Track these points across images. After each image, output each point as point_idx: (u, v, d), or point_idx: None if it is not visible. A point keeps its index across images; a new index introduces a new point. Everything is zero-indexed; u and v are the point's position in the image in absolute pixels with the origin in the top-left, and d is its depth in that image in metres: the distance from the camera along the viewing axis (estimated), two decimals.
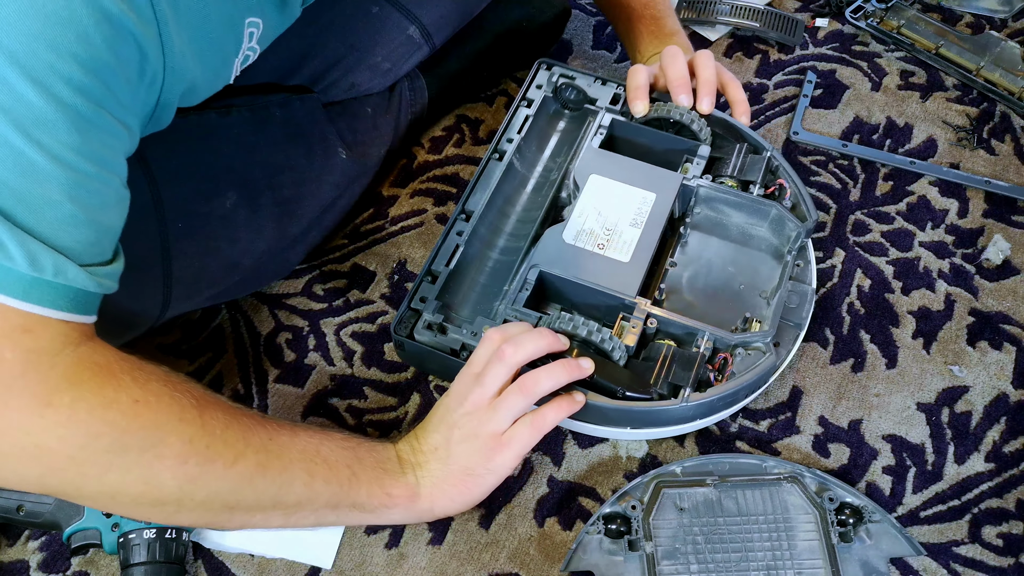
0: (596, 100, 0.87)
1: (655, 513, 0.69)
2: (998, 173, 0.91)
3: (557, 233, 0.76)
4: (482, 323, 0.71)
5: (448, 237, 0.78)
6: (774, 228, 0.78)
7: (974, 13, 1.06)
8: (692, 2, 1.07)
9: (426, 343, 0.72)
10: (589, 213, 0.77)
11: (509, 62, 1.01)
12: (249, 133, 0.76)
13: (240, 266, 0.76)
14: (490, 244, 0.80)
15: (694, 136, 0.81)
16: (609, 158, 0.81)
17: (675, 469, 0.71)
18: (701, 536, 0.68)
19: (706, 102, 0.81)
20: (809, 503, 0.69)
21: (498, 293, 0.77)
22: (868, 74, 1.01)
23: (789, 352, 0.73)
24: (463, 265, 0.77)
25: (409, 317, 0.74)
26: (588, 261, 0.74)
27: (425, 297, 0.74)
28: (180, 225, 0.71)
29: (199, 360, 0.82)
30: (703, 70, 0.81)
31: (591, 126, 0.85)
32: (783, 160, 0.80)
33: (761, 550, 0.67)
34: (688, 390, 0.68)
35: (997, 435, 0.74)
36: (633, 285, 0.73)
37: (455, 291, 0.77)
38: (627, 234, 0.76)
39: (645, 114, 0.82)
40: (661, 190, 0.78)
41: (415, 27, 0.87)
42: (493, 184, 0.80)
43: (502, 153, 0.83)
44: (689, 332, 0.71)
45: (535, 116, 0.86)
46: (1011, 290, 0.83)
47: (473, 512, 0.72)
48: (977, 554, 0.69)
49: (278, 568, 0.70)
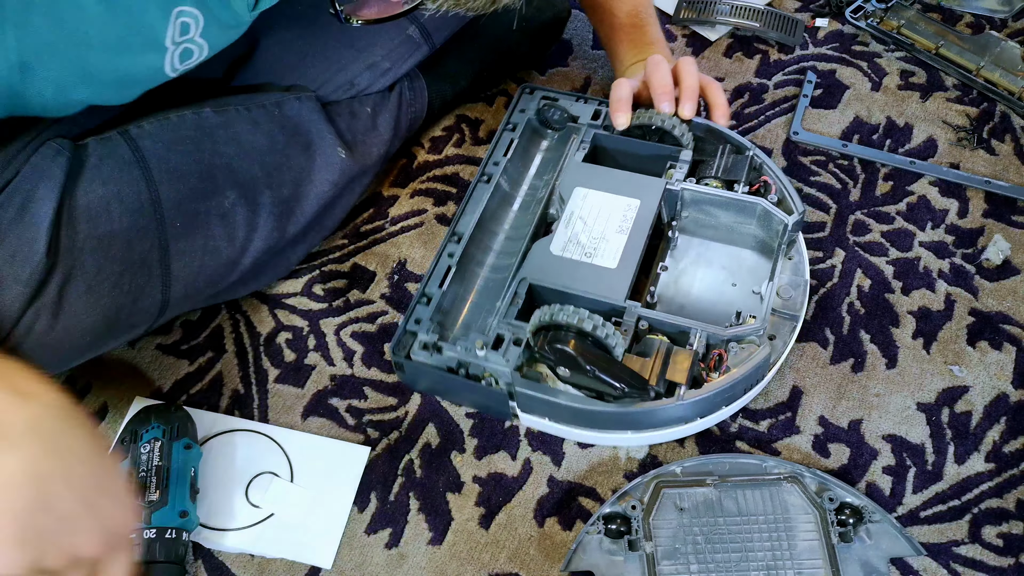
0: (578, 118, 0.88)
1: (655, 513, 0.69)
2: (998, 173, 0.91)
3: (545, 246, 0.77)
4: (475, 339, 0.71)
5: (440, 259, 0.78)
6: (762, 224, 0.78)
7: (974, 13, 1.06)
8: (692, 2, 1.07)
9: (423, 363, 0.72)
10: (575, 224, 0.78)
11: (509, 62, 1.01)
12: (248, 132, 0.76)
13: (239, 265, 0.76)
14: (481, 263, 0.81)
15: (676, 141, 0.82)
16: (593, 170, 0.82)
17: (675, 469, 0.71)
18: (701, 536, 0.67)
19: (687, 108, 0.82)
20: (809, 503, 0.69)
21: (491, 310, 0.77)
22: (868, 74, 1.01)
23: (786, 344, 0.73)
24: (456, 285, 0.78)
25: (406, 339, 0.74)
26: (576, 270, 0.75)
27: (420, 319, 0.74)
28: (179, 224, 0.71)
29: (199, 360, 0.82)
30: (686, 77, 0.83)
31: (574, 142, 0.86)
32: (766, 157, 0.81)
33: (761, 550, 0.67)
34: (683, 388, 0.68)
35: (997, 435, 0.74)
36: (621, 289, 0.73)
37: (450, 311, 0.77)
38: (614, 241, 0.76)
39: (627, 126, 0.83)
40: (645, 196, 0.79)
41: (414, 26, 0.87)
42: (482, 205, 0.81)
43: (490, 176, 0.84)
44: (681, 331, 0.72)
45: (520, 139, 0.87)
46: (1011, 290, 0.83)
47: (473, 512, 0.72)
48: (977, 554, 0.69)
49: (278, 568, 0.70)
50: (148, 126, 0.71)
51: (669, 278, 0.79)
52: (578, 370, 0.67)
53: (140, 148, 0.70)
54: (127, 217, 0.68)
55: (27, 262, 0.62)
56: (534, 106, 0.89)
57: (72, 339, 0.67)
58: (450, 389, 0.76)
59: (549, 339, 0.67)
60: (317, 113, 0.81)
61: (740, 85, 1.01)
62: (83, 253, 0.65)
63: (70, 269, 0.65)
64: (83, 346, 0.68)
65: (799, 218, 0.76)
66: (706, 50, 1.05)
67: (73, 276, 0.65)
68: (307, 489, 0.74)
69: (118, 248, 0.67)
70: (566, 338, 0.67)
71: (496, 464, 0.75)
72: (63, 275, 0.64)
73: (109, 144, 0.69)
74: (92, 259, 0.66)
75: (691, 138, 0.82)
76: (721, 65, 1.03)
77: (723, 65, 1.03)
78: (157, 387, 0.80)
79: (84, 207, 0.66)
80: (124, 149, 0.69)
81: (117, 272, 0.67)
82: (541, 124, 0.90)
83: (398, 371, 0.76)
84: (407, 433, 0.77)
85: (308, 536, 0.71)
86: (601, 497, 0.72)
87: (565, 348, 0.66)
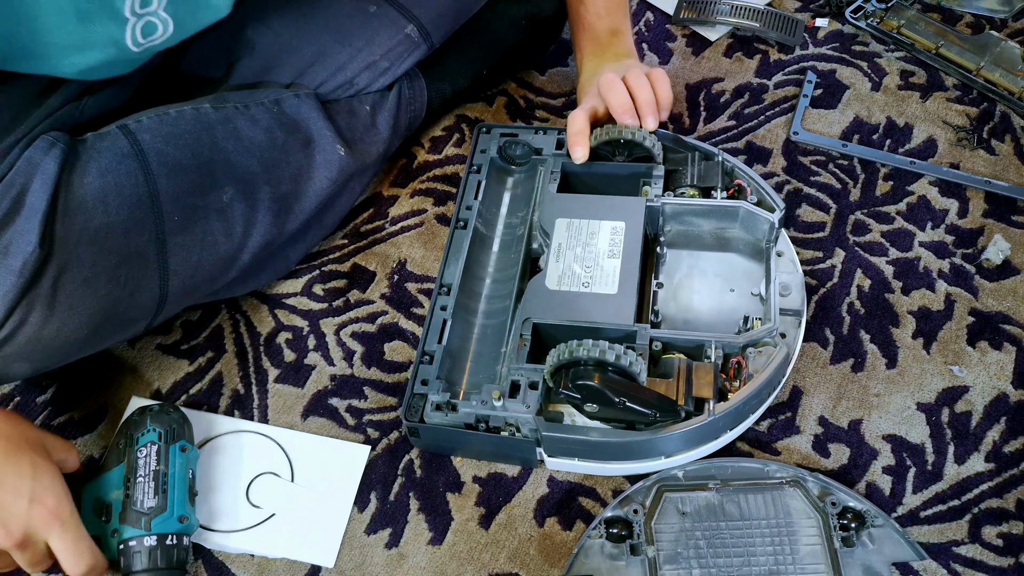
0: (542, 149, 0.87)
1: (657, 517, 0.68)
2: (998, 173, 0.91)
3: (540, 282, 0.76)
4: (489, 389, 0.69)
5: (433, 315, 0.76)
6: (746, 226, 0.78)
7: (974, 13, 1.06)
8: (692, 2, 1.07)
9: (440, 424, 0.71)
10: (565, 256, 0.77)
11: (509, 62, 1.01)
12: (247, 128, 0.76)
13: (237, 261, 0.76)
14: (474, 311, 0.80)
15: (647, 152, 0.82)
16: (569, 199, 0.82)
17: (677, 473, 0.71)
18: (703, 540, 0.67)
19: (650, 120, 0.82)
20: (811, 507, 0.68)
21: (496, 356, 0.76)
22: (868, 74, 1.01)
23: (797, 340, 0.74)
24: (455, 338, 0.76)
25: (416, 403, 0.72)
26: (577, 301, 0.74)
27: (426, 379, 0.72)
28: (176, 219, 0.71)
29: (199, 360, 0.82)
30: (639, 91, 0.82)
31: (543, 175, 0.85)
32: (735, 160, 0.81)
33: (763, 555, 0.66)
34: (712, 402, 0.67)
35: (997, 435, 0.74)
36: (628, 314, 0.72)
37: (454, 366, 0.76)
38: (608, 266, 0.76)
39: (586, 159, 0.82)
40: (628, 217, 0.79)
41: (413, 25, 0.87)
42: (464, 253, 0.80)
43: (465, 221, 0.83)
44: (696, 345, 0.71)
45: (487, 179, 0.86)
46: (1011, 290, 0.83)
47: (473, 512, 0.72)
48: (977, 554, 0.69)
49: (278, 568, 0.70)
50: (147, 120, 0.72)
51: (667, 294, 0.78)
52: (607, 403, 0.66)
53: (139, 141, 0.71)
54: (124, 209, 0.68)
55: (20, 252, 0.63)
56: (495, 144, 0.88)
57: (68, 332, 0.67)
58: (471, 446, 0.73)
59: (571, 377, 0.66)
60: (316, 111, 0.81)
61: (740, 85, 1.01)
62: (79, 245, 0.66)
63: (65, 261, 0.65)
64: (80, 340, 0.68)
65: (782, 214, 0.76)
66: (706, 50, 1.05)
67: (68, 268, 0.65)
68: (307, 489, 0.74)
69: (115, 240, 0.67)
70: (589, 373, 0.65)
71: (496, 464, 0.75)
72: (58, 267, 0.65)
73: (108, 138, 0.70)
74: (88, 251, 0.66)
75: (661, 147, 0.82)
76: (721, 65, 1.03)
77: (723, 65, 1.03)
78: (157, 387, 0.80)
79: (80, 199, 0.66)
80: (123, 142, 0.70)
81: (113, 264, 0.67)
82: (505, 161, 0.89)
83: (412, 438, 0.74)
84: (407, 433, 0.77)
85: (309, 536, 0.71)
86: (601, 497, 0.72)
87: (591, 383, 0.65)
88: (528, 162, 0.88)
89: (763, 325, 0.72)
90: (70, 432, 0.78)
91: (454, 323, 0.76)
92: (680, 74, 1.03)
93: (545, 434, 0.68)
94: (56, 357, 0.69)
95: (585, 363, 0.66)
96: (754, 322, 0.73)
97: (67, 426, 0.78)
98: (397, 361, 0.81)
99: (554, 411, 0.71)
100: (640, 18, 1.09)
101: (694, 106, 0.99)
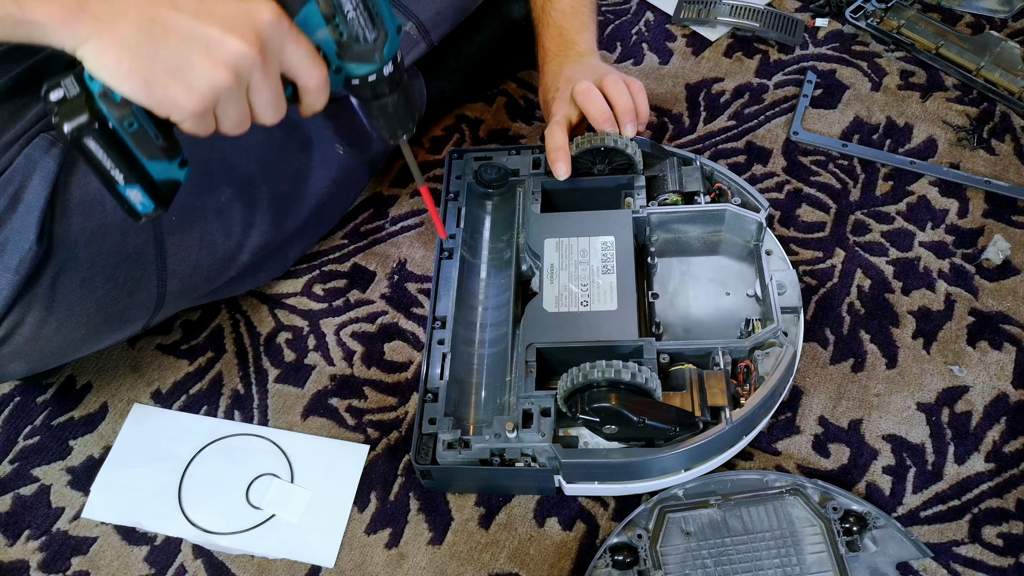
0: (518, 170, 0.86)
1: (662, 540, 0.67)
2: (998, 173, 0.91)
3: (538, 306, 0.74)
4: (502, 422, 0.67)
5: (432, 350, 0.74)
6: (733, 228, 0.78)
7: (974, 13, 1.06)
8: (692, 2, 1.07)
9: (453, 463, 0.68)
10: (559, 276, 0.76)
11: (509, 61, 1.01)
12: None
13: (236, 261, 0.76)
14: (471, 341, 0.77)
15: (629, 159, 0.81)
16: (555, 218, 0.80)
17: (677, 491, 0.70)
18: (710, 559, 0.66)
19: (629, 127, 0.80)
20: (813, 515, 0.68)
21: (502, 386, 0.73)
22: (868, 74, 1.01)
23: (798, 336, 0.73)
24: (456, 372, 0.73)
25: (426, 443, 0.69)
26: (578, 321, 0.72)
27: (433, 418, 0.70)
28: (174, 218, 0.71)
29: (199, 360, 0.82)
30: (619, 98, 0.81)
31: (523, 196, 0.84)
32: (714, 164, 0.81)
33: (770, 567, 0.66)
34: (727, 409, 0.66)
35: (997, 435, 0.74)
36: (631, 329, 0.71)
37: (459, 401, 0.73)
38: (603, 282, 0.75)
39: (568, 175, 0.80)
40: (617, 230, 0.78)
41: (412, 23, 0.87)
42: (454, 283, 0.78)
43: (451, 251, 0.81)
44: (704, 353, 0.70)
45: (466, 206, 0.84)
46: (1011, 290, 0.83)
47: (473, 512, 0.72)
48: (977, 554, 0.69)
49: (278, 568, 0.70)
50: None
51: (664, 304, 0.77)
52: (626, 423, 0.65)
53: None
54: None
55: (17, 250, 0.63)
56: (469, 169, 0.86)
57: (67, 331, 0.67)
58: (487, 482, 0.71)
59: (588, 400, 0.64)
60: None
61: (740, 85, 1.01)
62: (77, 245, 0.66)
63: (64, 261, 0.65)
64: (79, 339, 0.68)
65: (767, 212, 0.76)
66: (706, 50, 1.05)
67: (67, 268, 0.65)
68: (307, 490, 0.74)
69: (113, 240, 0.67)
70: (605, 395, 0.64)
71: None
72: (57, 267, 0.65)
73: None
74: (86, 251, 0.66)
75: (641, 155, 0.81)
76: (721, 65, 1.03)
77: (723, 65, 1.03)
78: (157, 387, 0.80)
79: (79, 199, 0.66)
80: None
81: (111, 264, 0.67)
82: (482, 186, 0.86)
83: (425, 480, 0.71)
84: (407, 433, 0.77)
85: (309, 536, 0.71)
86: (601, 497, 0.72)
87: (609, 405, 0.63)
88: (505, 184, 0.86)
89: (766, 326, 0.71)
90: (70, 432, 0.78)
91: (455, 357, 0.74)
92: (680, 74, 1.03)
93: (564, 461, 0.66)
94: (54, 357, 0.69)
95: (600, 385, 0.65)
96: (755, 323, 0.73)
97: (67, 426, 0.78)
98: (397, 361, 0.81)
99: (567, 436, 0.70)
100: (640, 18, 1.09)
101: (694, 106, 0.99)
